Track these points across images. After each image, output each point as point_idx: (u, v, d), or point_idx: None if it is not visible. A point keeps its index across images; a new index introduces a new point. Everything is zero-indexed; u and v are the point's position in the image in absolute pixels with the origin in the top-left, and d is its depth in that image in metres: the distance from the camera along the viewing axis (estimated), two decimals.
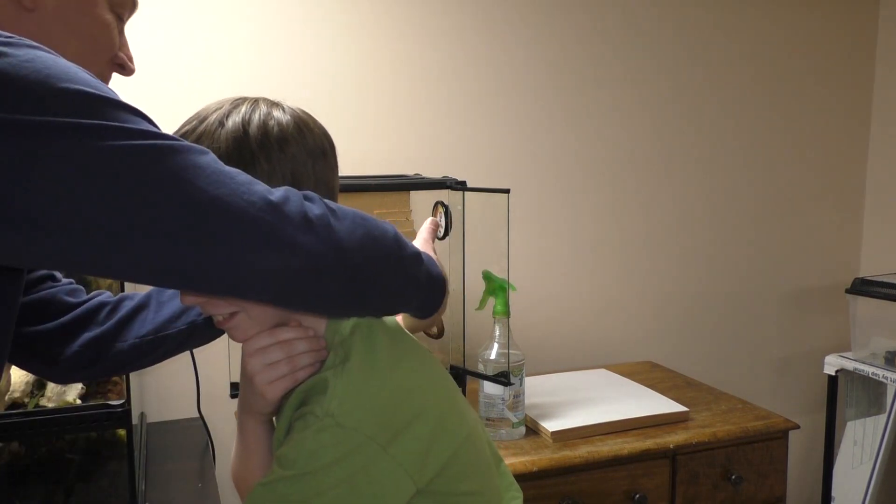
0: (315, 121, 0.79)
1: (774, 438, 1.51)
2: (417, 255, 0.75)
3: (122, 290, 1.12)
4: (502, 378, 1.37)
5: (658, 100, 1.99)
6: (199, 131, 0.73)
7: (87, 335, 0.86)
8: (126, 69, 0.81)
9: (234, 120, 0.73)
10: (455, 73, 1.78)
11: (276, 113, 0.75)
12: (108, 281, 1.21)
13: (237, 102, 0.75)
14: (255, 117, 0.73)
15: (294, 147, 0.74)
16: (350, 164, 1.69)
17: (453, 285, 1.44)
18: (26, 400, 1.11)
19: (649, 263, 2.03)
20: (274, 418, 0.83)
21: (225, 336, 1.39)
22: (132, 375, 1.11)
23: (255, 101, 0.76)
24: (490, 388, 1.40)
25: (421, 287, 0.77)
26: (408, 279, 0.74)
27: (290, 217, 0.61)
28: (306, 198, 0.65)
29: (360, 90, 1.71)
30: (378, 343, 0.73)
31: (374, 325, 0.75)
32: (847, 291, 1.94)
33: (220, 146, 0.71)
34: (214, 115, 0.73)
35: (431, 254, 0.85)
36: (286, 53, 1.63)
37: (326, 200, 0.67)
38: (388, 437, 0.68)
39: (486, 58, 1.81)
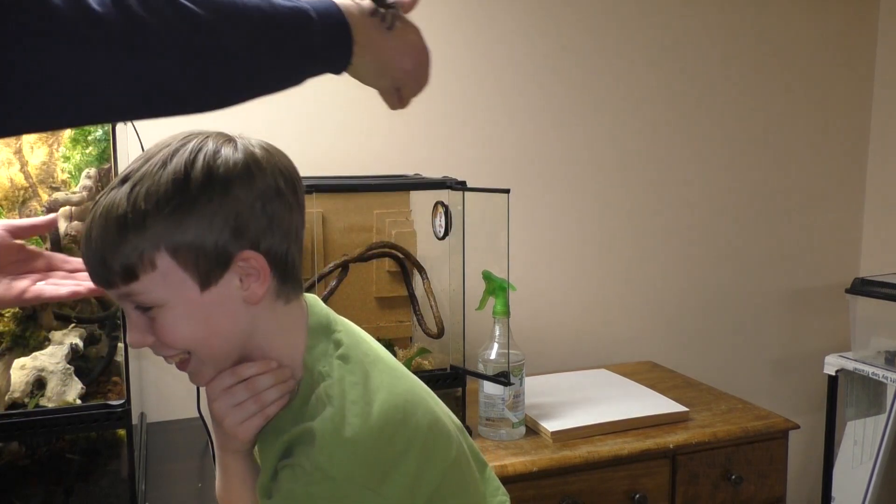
0: (272, 158, 0.72)
1: (774, 438, 1.51)
2: (304, 16, 0.67)
3: None
4: (502, 378, 1.37)
5: (657, 100, 1.98)
6: (141, 172, 0.69)
7: None
8: None
9: (178, 161, 0.68)
10: (455, 73, 1.78)
11: (226, 151, 0.70)
12: None
13: (186, 139, 0.71)
14: (200, 158, 0.69)
15: (239, 189, 0.69)
16: (350, 164, 1.69)
17: (453, 285, 1.44)
18: (26, 400, 1.11)
19: (649, 263, 2.03)
20: (256, 454, 0.83)
21: None
22: (132, 375, 1.12)
23: (206, 138, 0.71)
24: (490, 388, 1.40)
25: (315, 56, 0.69)
26: (291, 57, 0.67)
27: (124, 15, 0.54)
28: None
29: (360, 90, 1.70)
30: (359, 382, 0.73)
31: (352, 359, 0.74)
32: (847, 291, 1.94)
33: (160, 189, 0.67)
34: (159, 155, 0.69)
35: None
36: None
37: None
38: (378, 479, 0.69)
39: (486, 57, 1.81)
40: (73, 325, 1.17)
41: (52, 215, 0.93)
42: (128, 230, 0.67)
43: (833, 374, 1.96)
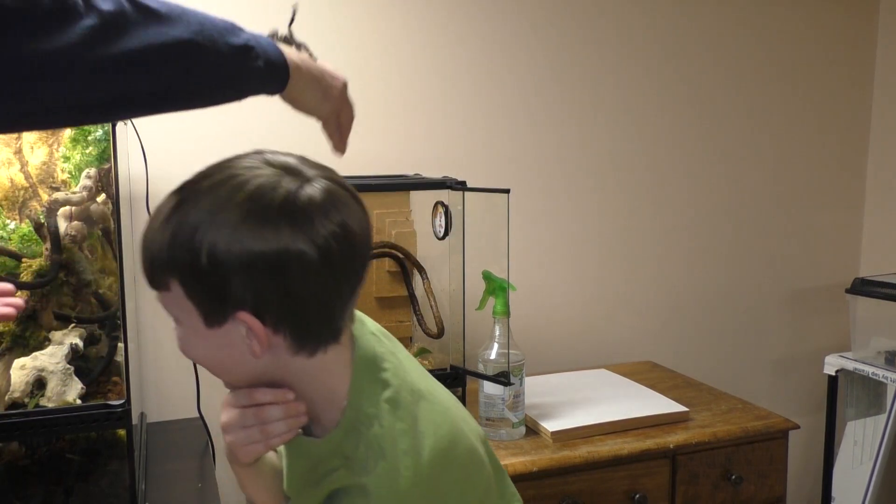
0: (311, 217, 0.66)
1: (774, 438, 1.51)
2: (244, 47, 0.72)
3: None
4: (502, 378, 1.37)
5: (657, 100, 1.98)
6: (190, 190, 0.68)
7: None
8: None
9: (210, 200, 0.66)
10: (455, 73, 1.78)
11: (253, 206, 0.65)
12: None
13: (237, 173, 0.67)
14: (197, 212, 0.65)
15: (247, 253, 0.64)
16: (350, 164, 1.69)
17: (453, 285, 1.44)
18: (26, 400, 1.11)
19: (649, 263, 2.03)
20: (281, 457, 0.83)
21: None
22: (132, 375, 1.12)
23: (251, 179, 0.66)
24: (490, 388, 1.40)
25: (253, 65, 0.73)
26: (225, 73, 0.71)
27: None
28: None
29: (359, 90, 1.70)
30: (408, 430, 0.72)
31: (400, 403, 0.74)
32: (847, 291, 1.94)
33: (186, 223, 0.65)
34: (207, 181, 0.68)
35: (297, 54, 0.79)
36: None
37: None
38: None
39: (486, 57, 1.81)
40: (73, 325, 1.17)
41: None
42: (155, 247, 0.67)
43: (833, 374, 1.96)
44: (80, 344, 1.15)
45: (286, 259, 0.65)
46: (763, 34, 2.08)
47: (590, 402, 1.56)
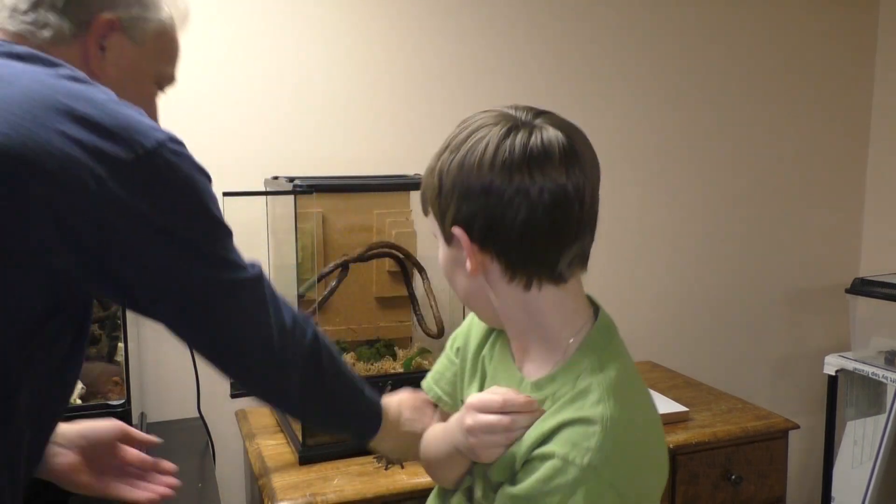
0: (549, 162, 0.80)
1: (774, 438, 1.51)
2: (376, 403, 0.94)
3: None
4: None
5: (657, 99, 1.98)
6: (449, 154, 0.83)
7: None
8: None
9: (484, 135, 0.84)
10: (455, 73, 1.78)
11: (502, 140, 0.82)
12: None
13: (510, 123, 0.86)
14: (492, 133, 0.84)
15: (484, 179, 0.77)
16: (351, 164, 1.69)
17: None
18: None
19: (649, 263, 2.03)
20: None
21: None
22: (132, 375, 1.12)
23: (506, 124, 0.86)
24: None
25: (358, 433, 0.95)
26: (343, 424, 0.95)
27: (284, 345, 0.81)
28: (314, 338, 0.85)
29: (359, 90, 1.71)
30: (633, 396, 0.80)
31: (629, 370, 0.82)
32: (847, 291, 1.94)
33: (452, 149, 0.83)
34: (469, 143, 0.83)
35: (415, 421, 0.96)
36: (285, 52, 1.63)
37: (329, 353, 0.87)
38: (625, 482, 0.71)
39: (485, 57, 1.81)
40: None
41: (158, 440, 1.00)
42: (433, 177, 0.83)
43: (833, 374, 1.96)
44: None
45: (489, 191, 0.76)
46: (764, 34, 2.08)
47: None
